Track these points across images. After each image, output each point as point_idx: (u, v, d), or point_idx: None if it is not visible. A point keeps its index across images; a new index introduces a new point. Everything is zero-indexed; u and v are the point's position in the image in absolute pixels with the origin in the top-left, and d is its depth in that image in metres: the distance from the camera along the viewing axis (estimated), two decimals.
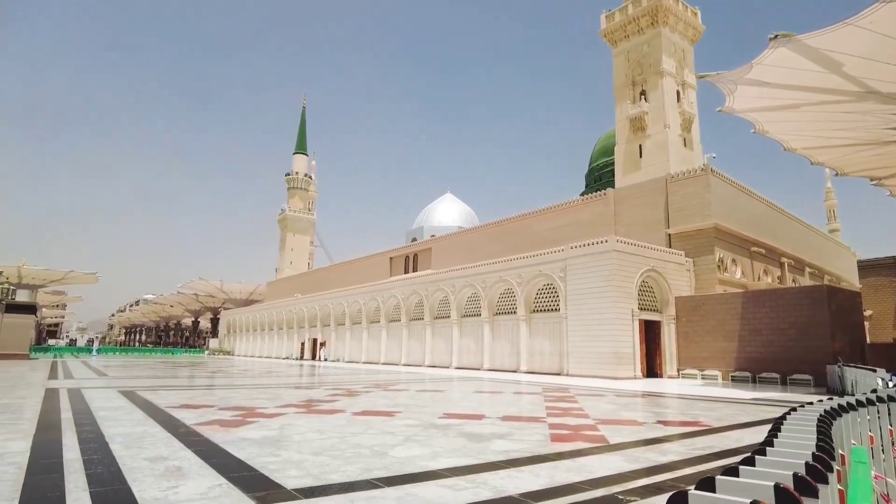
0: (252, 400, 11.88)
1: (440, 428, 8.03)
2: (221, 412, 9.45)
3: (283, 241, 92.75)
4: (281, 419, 8.74)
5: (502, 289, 30.66)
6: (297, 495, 4.21)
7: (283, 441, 6.70)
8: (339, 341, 46.15)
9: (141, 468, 5.01)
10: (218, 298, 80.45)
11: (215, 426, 7.73)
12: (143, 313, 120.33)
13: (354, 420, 8.79)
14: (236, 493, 4.24)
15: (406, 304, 38.14)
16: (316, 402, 11.58)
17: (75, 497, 4.05)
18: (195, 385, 16.91)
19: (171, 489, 4.32)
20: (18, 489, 4.27)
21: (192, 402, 11.02)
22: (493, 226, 41.23)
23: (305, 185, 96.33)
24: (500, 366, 29.79)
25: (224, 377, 21.52)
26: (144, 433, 7.04)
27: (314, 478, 4.79)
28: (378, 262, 53.17)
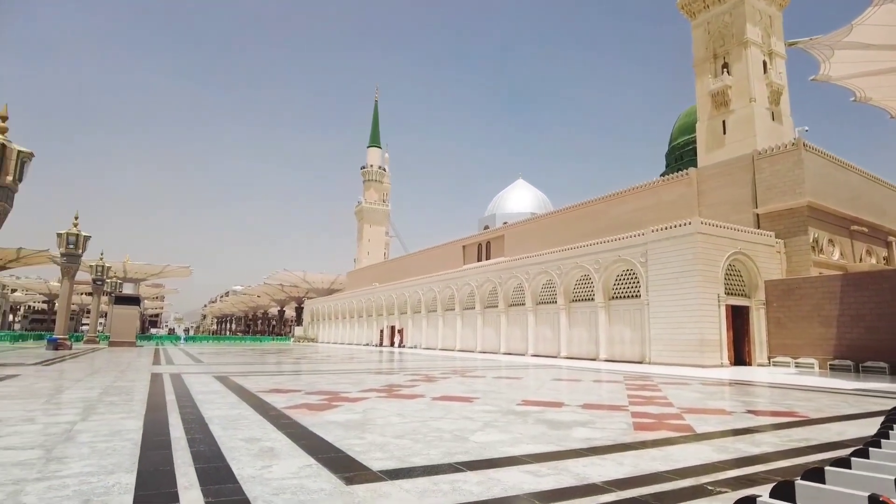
0: (336, 385, 12.36)
1: (519, 414, 8.04)
2: (308, 396, 9.91)
3: (361, 233, 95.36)
4: (364, 403, 9.05)
5: (579, 275, 30.09)
6: (382, 476, 4.36)
7: (366, 424, 6.94)
8: (415, 329, 47.03)
9: (237, 448, 5.35)
10: (301, 288, 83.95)
11: (303, 410, 8.12)
12: (233, 303, 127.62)
13: (434, 405, 8.96)
14: (325, 474, 4.44)
15: (480, 292, 38.26)
16: (396, 388, 11.89)
17: (183, 472, 4.38)
18: (282, 371, 17.79)
19: (265, 468, 4.58)
20: (136, 462, 4.69)
21: (280, 387, 11.60)
22: (568, 211, 40.42)
23: (379, 178, 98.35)
24: (578, 354, 29.33)
25: (309, 363, 22.50)
26: (239, 416, 7.50)
27: (398, 460, 4.94)
28: (451, 251, 53.58)
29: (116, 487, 3.92)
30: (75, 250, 31.00)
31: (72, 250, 30.89)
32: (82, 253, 31.76)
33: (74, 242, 30.82)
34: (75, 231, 30.90)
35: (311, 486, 4.06)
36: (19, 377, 12.86)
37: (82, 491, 3.83)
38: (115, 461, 4.71)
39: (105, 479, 4.13)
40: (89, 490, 3.85)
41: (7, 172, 15.73)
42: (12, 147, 15.86)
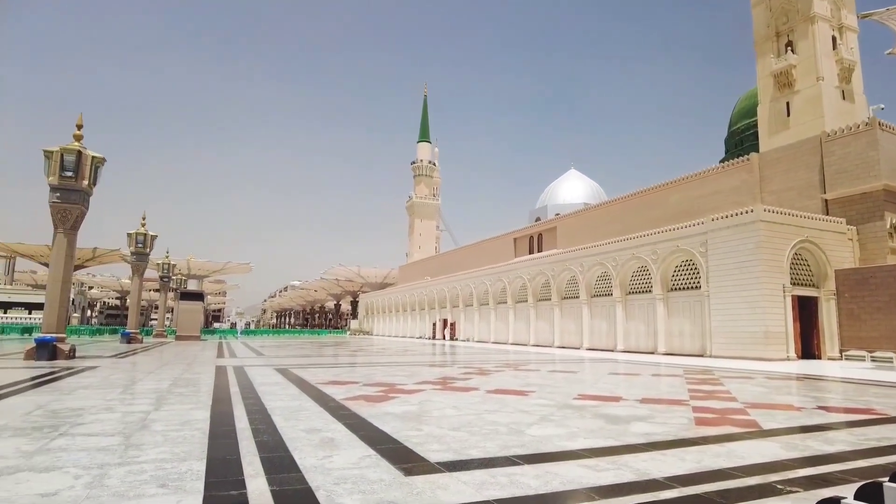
0: (392, 377, 12.56)
1: (575, 409, 7.95)
2: (365, 388, 10.12)
3: (412, 227, 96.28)
4: (420, 395, 9.16)
5: (635, 266, 29.39)
6: (440, 468, 4.41)
7: (423, 416, 7.03)
8: (467, 322, 47.15)
9: (299, 438, 5.52)
10: (356, 283, 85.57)
11: (361, 401, 8.30)
12: (291, 298, 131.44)
13: (489, 398, 8.97)
14: (384, 464, 4.53)
15: (532, 285, 37.95)
16: (451, 380, 11.97)
17: (249, 461, 4.56)
18: (339, 363, 18.21)
19: (326, 458, 4.71)
20: (205, 450, 4.92)
21: (338, 379, 11.89)
22: (622, 201, 39.45)
23: (430, 172, 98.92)
24: (635, 347, 28.70)
25: (364, 355, 22.95)
26: (300, 407, 7.74)
27: (455, 452, 4.98)
28: (502, 244, 53.35)
29: (189, 474, 4.13)
30: (144, 249, 32.67)
31: (140, 249, 32.57)
32: (150, 251, 33.43)
33: (143, 242, 32.48)
34: (143, 231, 32.54)
35: (371, 476, 4.15)
36: (98, 368, 13.68)
37: (158, 476, 4.05)
38: (187, 449, 4.95)
39: (178, 466, 4.35)
40: (164, 475, 4.07)
41: (83, 177, 16.72)
42: (87, 153, 16.83)
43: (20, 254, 67.58)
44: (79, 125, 17.08)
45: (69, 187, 16.56)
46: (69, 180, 16.51)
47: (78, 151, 16.63)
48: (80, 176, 16.65)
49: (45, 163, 16.49)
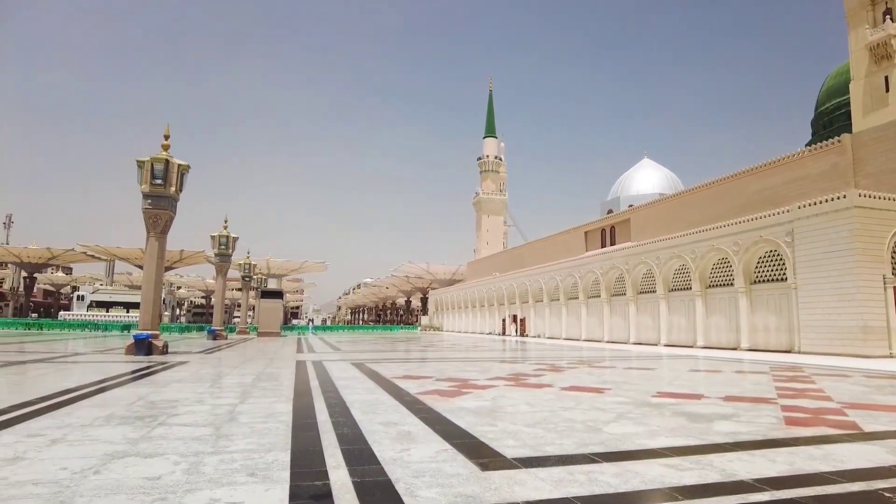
0: (464, 372, 12.64)
1: (654, 406, 7.71)
2: (438, 383, 10.23)
3: (479, 223, 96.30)
4: (493, 391, 9.17)
5: (715, 259, 28.09)
6: (517, 464, 4.40)
7: (497, 412, 7.03)
8: (537, 318, 46.66)
9: (377, 431, 5.66)
10: (425, 279, 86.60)
11: (435, 396, 8.40)
12: (364, 295, 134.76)
13: (563, 395, 8.85)
14: (461, 459, 4.57)
15: (605, 280, 37.05)
16: (523, 377, 11.90)
17: (331, 453, 4.73)
18: (411, 358, 18.52)
19: (404, 451, 4.81)
20: (289, 442, 5.15)
21: (411, 374, 12.09)
22: (700, 189, 37.72)
23: (496, 168, 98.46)
24: (716, 343, 27.44)
25: (436, 351, 23.20)
26: (376, 401, 7.93)
27: (531, 448, 4.95)
28: (573, 238, 52.37)
29: (275, 464, 4.33)
30: (226, 250, 34.48)
31: (223, 250, 34.39)
32: (232, 252, 35.24)
33: (225, 243, 34.28)
34: (225, 233, 34.33)
35: (448, 470, 4.20)
36: (188, 364, 14.59)
37: (247, 465, 4.27)
38: (272, 440, 5.19)
39: (265, 456, 4.57)
40: (253, 465, 4.29)
41: (171, 184, 17.84)
42: (174, 162, 17.94)
43: (118, 257, 73.04)
44: (166, 135, 18.22)
45: (159, 194, 17.70)
46: (159, 188, 17.65)
47: (166, 160, 17.74)
48: (168, 183, 17.77)
49: (138, 172, 17.71)
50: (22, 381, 10.31)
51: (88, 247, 68.65)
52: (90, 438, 5.15)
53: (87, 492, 3.56)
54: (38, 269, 76.28)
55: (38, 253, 71.36)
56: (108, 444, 4.90)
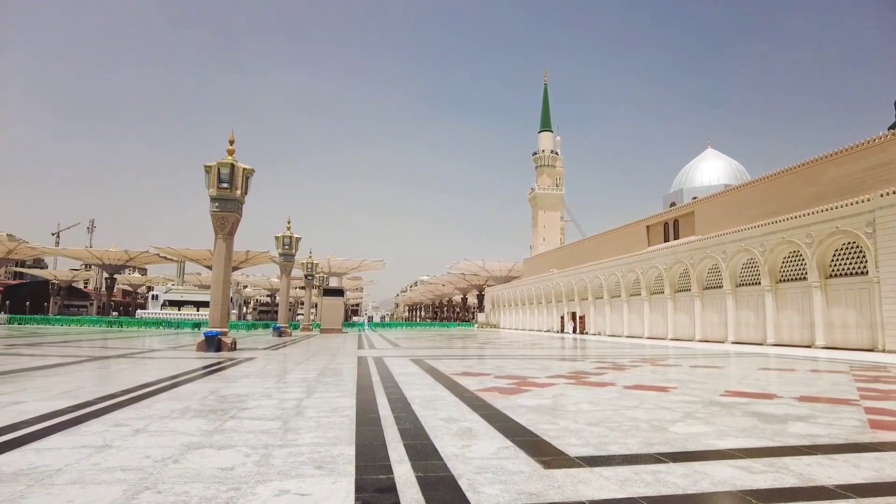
0: (523, 370, 12.56)
1: (723, 406, 7.42)
2: (498, 380, 10.22)
3: (535, 219, 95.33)
4: (553, 389, 9.07)
5: (786, 252, 26.73)
6: (580, 463, 4.34)
7: (558, 410, 6.95)
8: (597, 315, 45.79)
9: (438, 427, 5.71)
10: (481, 276, 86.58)
11: (494, 393, 8.39)
12: (421, 292, 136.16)
13: (626, 393, 8.66)
14: (523, 456, 4.55)
15: (669, 275, 35.93)
16: (584, 375, 11.71)
17: (393, 447, 4.81)
18: (469, 355, 18.55)
19: (465, 447, 4.83)
20: (353, 436, 5.27)
21: (470, 371, 12.12)
22: (770, 179, 35.88)
23: (552, 162, 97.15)
24: (788, 340, 26.13)
25: (493, 348, 23.16)
26: (436, 396, 8.00)
27: (594, 447, 4.87)
28: (634, 232, 50.99)
29: (341, 458, 4.45)
30: (290, 250, 35.62)
31: (287, 250, 35.54)
32: (295, 252, 36.38)
33: (289, 244, 35.42)
34: (289, 234, 35.47)
35: (510, 467, 4.19)
36: (255, 360, 15.17)
37: (314, 458, 4.41)
38: (337, 434, 5.33)
39: (331, 450, 4.70)
40: (320, 458, 4.42)
41: (236, 187, 18.58)
42: (239, 166, 18.68)
43: (188, 258, 76.85)
44: (231, 140, 18.99)
45: (225, 197, 18.47)
46: (225, 191, 18.42)
47: (231, 164, 18.49)
48: (233, 186, 18.52)
49: (206, 177, 18.54)
50: (107, 374, 11.01)
51: (161, 249, 72.65)
52: (168, 430, 5.45)
53: (168, 479, 3.77)
54: (118, 271, 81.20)
55: (116, 255, 75.99)
56: (184, 436, 5.16)
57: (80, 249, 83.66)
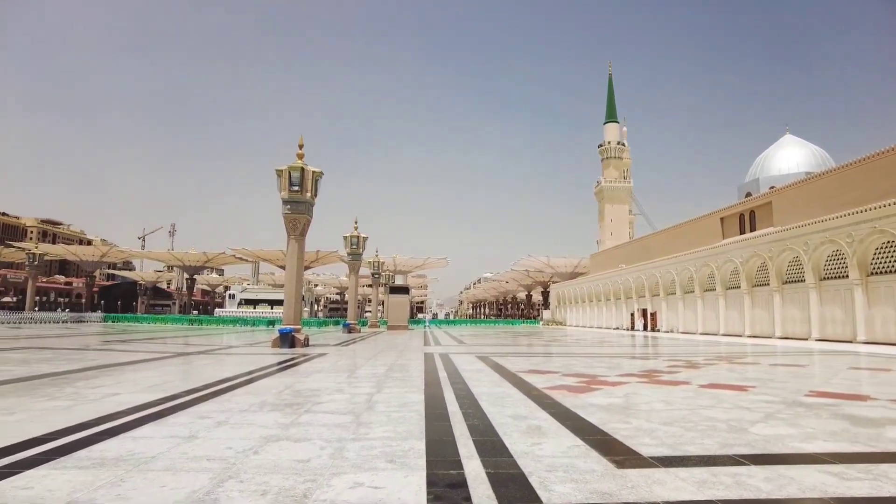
0: (592, 368, 12.32)
1: (808, 407, 7.00)
2: (566, 378, 10.07)
3: (602, 213, 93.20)
4: (624, 388, 8.85)
5: (878, 242, 24.88)
6: (654, 463, 4.22)
7: (629, 409, 6.78)
8: (669, 311, 44.26)
9: (507, 424, 5.70)
10: (546, 273, 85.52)
11: (563, 391, 8.28)
12: (485, 289, 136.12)
13: (702, 392, 8.32)
14: (594, 455, 4.47)
15: (746, 269, 34.23)
16: (656, 373, 11.36)
17: (463, 443, 4.84)
18: (535, 353, 18.39)
19: (535, 445, 4.80)
20: (423, 431, 5.35)
21: (537, 368, 12.01)
22: (858, 165, 33.39)
23: (619, 154, 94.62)
24: (883, 338, 24.32)
25: (560, 346, 22.84)
26: (503, 394, 7.98)
27: (669, 447, 4.72)
28: (707, 224, 48.86)
29: (412, 452, 4.53)
30: (357, 250, 36.50)
31: (354, 250, 36.44)
32: (363, 251, 37.24)
33: (356, 243, 36.30)
34: (356, 234, 36.35)
35: (581, 465, 4.13)
36: (327, 355, 15.65)
37: (386, 452, 4.51)
38: (407, 429, 5.43)
39: (402, 444, 4.79)
40: (391, 452, 4.51)
41: (307, 190, 19.23)
42: (308, 169, 19.31)
43: (262, 258, 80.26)
44: (300, 145, 19.65)
45: (296, 199, 19.14)
46: (296, 193, 19.09)
47: (301, 168, 19.14)
48: (304, 189, 19.17)
49: (277, 180, 19.28)
50: (190, 370, 11.68)
51: (237, 250, 76.25)
52: (248, 422, 5.72)
53: (249, 469, 3.97)
54: (197, 271, 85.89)
55: (196, 257, 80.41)
56: (263, 428, 5.41)
57: (164, 252, 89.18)
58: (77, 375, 9.50)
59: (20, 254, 73.21)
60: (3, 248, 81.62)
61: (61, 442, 4.68)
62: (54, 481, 3.62)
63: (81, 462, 4.09)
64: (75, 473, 3.79)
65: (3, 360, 12.41)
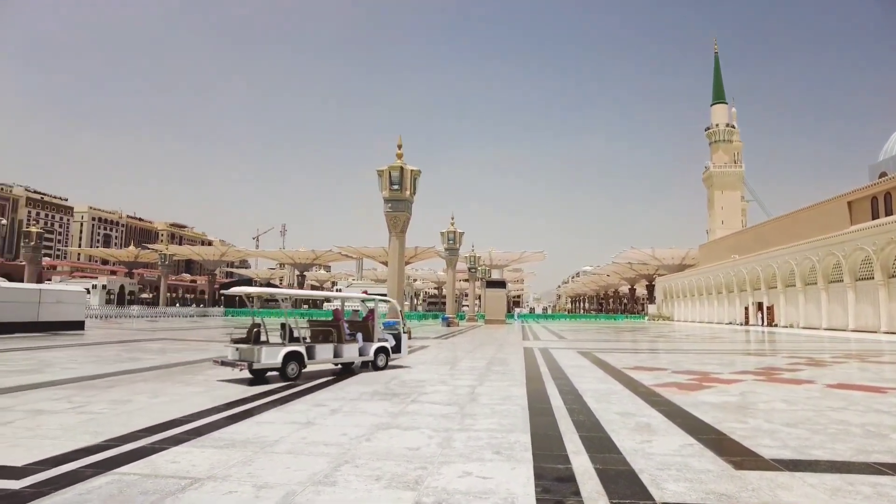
0: (703, 365, 11.71)
1: None
2: (675, 375, 9.65)
3: (711, 201, 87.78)
4: (739, 385, 8.34)
5: None
6: (777, 466, 3.96)
7: (746, 408, 6.39)
8: (788, 305, 40.92)
9: (614, 421, 5.58)
10: (650, 266, 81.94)
11: (672, 388, 7.95)
12: (584, 283, 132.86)
13: (829, 393, 7.66)
14: (709, 455, 4.27)
15: (881, 257, 30.89)
16: (775, 371, 10.58)
17: (569, 438, 4.81)
18: (640, 349, 17.73)
19: (645, 442, 4.67)
20: (527, 424, 5.37)
21: (643, 365, 11.59)
22: None
23: (728, 137, 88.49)
24: None
25: (667, 342, 21.86)
26: (609, 390, 7.80)
27: (794, 450, 4.41)
28: (832, 209, 44.49)
29: (517, 445, 4.56)
30: (454, 245, 37.01)
31: (451, 245, 36.98)
32: (459, 247, 37.71)
33: (453, 239, 36.82)
34: (453, 230, 36.85)
35: (695, 465, 3.97)
36: (429, 348, 16.04)
37: (492, 444, 4.58)
38: (511, 422, 5.47)
39: (507, 437, 4.84)
40: (497, 444, 4.58)
41: (406, 188, 19.78)
42: (407, 168, 19.85)
43: (365, 255, 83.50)
44: (399, 145, 20.23)
45: (396, 198, 19.75)
46: (396, 192, 19.69)
47: (400, 168, 19.71)
48: (403, 188, 19.73)
49: (379, 180, 19.99)
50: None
51: (343, 248, 79.96)
52: (359, 410, 6.03)
53: (363, 455, 4.19)
54: (306, 269, 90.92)
55: (305, 255, 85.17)
56: (373, 417, 5.67)
57: (276, 251, 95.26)
58: (206, 364, 10.44)
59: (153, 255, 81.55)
60: (140, 251, 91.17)
61: (197, 423, 5.19)
62: (195, 458, 4.04)
63: (216, 442, 4.52)
64: (212, 452, 4.20)
65: (146, 350, 13.89)
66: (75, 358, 11.63)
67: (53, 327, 20.03)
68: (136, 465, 3.81)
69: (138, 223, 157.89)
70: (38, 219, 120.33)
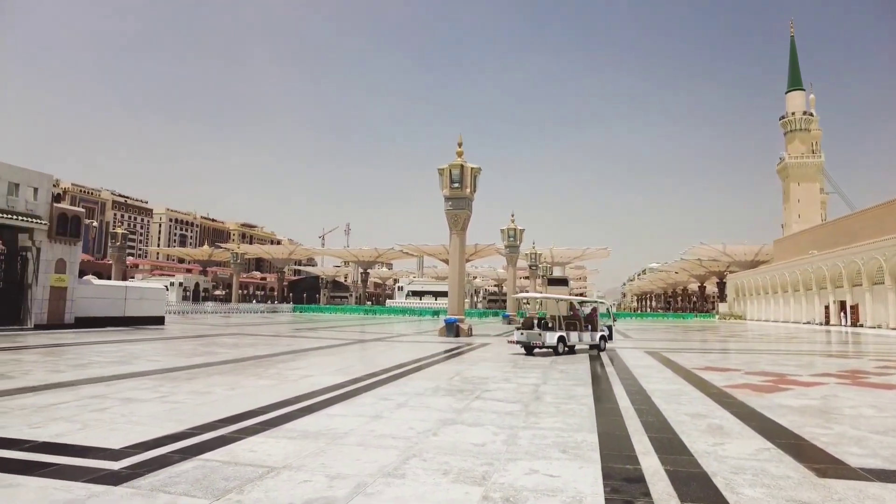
0: (779, 366, 11.15)
1: None
2: (749, 376, 9.24)
3: (786, 193, 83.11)
4: (820, 389, 7.89)
5: None
6: (866, 475, 3.74)
7: (829, 413, 6.05)
8: (876, 304, 38.24)
9: (684, 422, 5.41)
10: (721, 262, 78.54)
11: (746, 390, 7.62)
12: (650, 281, 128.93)
13: None
14: (787, 460, 4.08)
15: None
16: (861, 374, 9.94)
17: (637, 439, 4.71)
18: (711, 349, 17.07)
19: (717, 445, 4.51)
20: (594, 424, 5.29)
21: (714, 365, 11.17)
22: None
23: (806, 125, 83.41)
24: None
25: (740, 342, 20.93)
26: (679, 391, 7.57)
27: (885, 459, 4.14)
28: None
29: (584, 444, 4.51)
30: (514, 242, 36.79)
31: (512, 242, 36.77)
32: (520, 244, 37.44)
33: (513, 236, 36.60)
34: (513, 226, 36.63)
35: (773, 470, 3.80)
36: (490, 345, 16.06)
37: (558, 442, 4.55)
38: (577, 421, 5.41)
39: (573, 436, 4.79)
40: (563, 442, 4.54)
41: (466, 186, 19.84)
42: (468, 166, 19.91)
43: (426, 253, 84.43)
44: (459, 143, 20.30)
45: (457, 196, 19.85)
46: (457, 190, 19.79)
47: (461, 166, 19.79)
48: (463, 185, 19.79)
49: (439, 178, 20.15)
50: (368, 355, 12.74)
51: (404, 246, 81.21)
52: (424, 405, 6.12)
53: (430, 449, 4.27)
54: (370, 266, 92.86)
55: (368, 253, 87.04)
56: (438, 412, 5.75)
57: (341, 249, 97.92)
58: (276, 359, 10.88)
59: (226, 254, 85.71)
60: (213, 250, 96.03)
61: (272, 415, 5.43)
62: (271, 448, 4.23)
63: (289, 433, 4.71)
64: (286, 443, 4.39)
65: (220, 344, 14.61)
66: (158, 350, 12.41)
67: (137, 322, 21.42)
68: (217, 453, 4.04)
69: (211, 224, 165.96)
70: (123, 220, 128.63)
